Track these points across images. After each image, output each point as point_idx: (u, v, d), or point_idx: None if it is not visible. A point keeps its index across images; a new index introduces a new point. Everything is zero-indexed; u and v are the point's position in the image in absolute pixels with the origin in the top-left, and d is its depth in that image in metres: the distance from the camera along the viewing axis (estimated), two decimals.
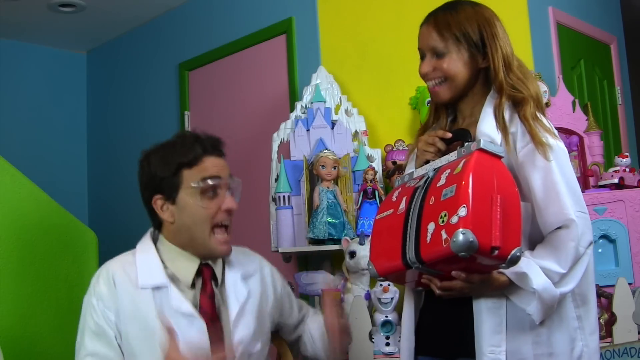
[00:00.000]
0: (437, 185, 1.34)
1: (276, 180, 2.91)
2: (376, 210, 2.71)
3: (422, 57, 1.57)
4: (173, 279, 1.57)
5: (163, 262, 1.59)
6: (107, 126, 4.70)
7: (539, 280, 1.37)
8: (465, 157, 1.34)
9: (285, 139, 3.01)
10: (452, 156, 1.40)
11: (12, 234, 2.25)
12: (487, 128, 1.50)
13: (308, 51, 3.35)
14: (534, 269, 1.38)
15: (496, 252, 1.25)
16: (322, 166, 2.76)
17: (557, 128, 2.51)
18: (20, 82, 4.53)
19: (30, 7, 4.00)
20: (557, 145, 1.47)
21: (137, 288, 1.54)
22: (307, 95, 3.07)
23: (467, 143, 1.38)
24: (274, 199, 2.91)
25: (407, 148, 2.88)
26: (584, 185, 2.72)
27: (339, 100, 3.06)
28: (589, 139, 2.79)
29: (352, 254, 2.51)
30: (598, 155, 2.78)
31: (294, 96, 3.35)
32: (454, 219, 1.24)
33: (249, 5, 3.72)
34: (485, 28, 1.51)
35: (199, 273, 1.60)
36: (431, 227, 1.30)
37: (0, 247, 2.21)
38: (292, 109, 3.18)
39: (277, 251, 2.85)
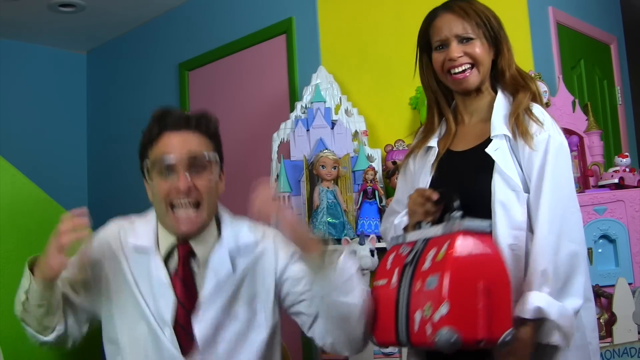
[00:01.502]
0: (422, 270, 1.32)
1: (276, 180, 2.91)
2: (376, 210, 2.73)
3: (443, 46, 1.54)
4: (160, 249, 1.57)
5: (157, 232, 1.58)
6: (107, 126, 4.70)
7: (553, 309, 1.34)
8: (449, 237, 1.31)
9: (285, 139, 3.01)
10: (438, 230, 1.38)
11: (12, 234, 2.25)
12: (501, 128, 1.50)
13: (308, 51, 3.35)
14: (541, 298, 1.35)
15: (483, 343, 1.25)
16: (322, 166, 2.76)
17: None
18: (20, 82, 4.53)
19: (30, 7, 4.00)
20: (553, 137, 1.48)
21: (124, 246, 1.56)
22: (307, 95, 3.07)
23: (453, 215, 1.36)
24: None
25: (407, 148, 2.88)
26: (584, 185, 2.72)
27: (339, 100, 3.07)
28: (589, 139, 2.79)
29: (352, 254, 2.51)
30: (598, 155, 2.77)
31: (294, 96, 3.35)
32: (436, 317, 1.23)
33: (249, 5, 3.72)
34: (499, 22, 1.55)
35: (174, 249, 1.55)
36: (418, 316, 1.29)
37: (0, 247, 2.20)
38: (292, 109, 3.19)
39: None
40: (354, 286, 1.42)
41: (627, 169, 2.57)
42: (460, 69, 1.52)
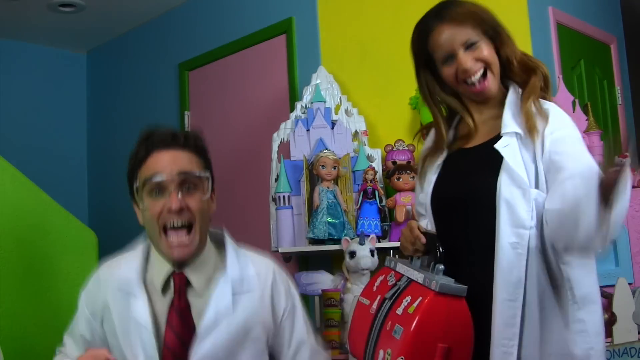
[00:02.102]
0: (396, 312, 1.38)
1: (276, 180, 2.91)
2: (376, 210, 2.73)
3: (450, 59, 1.51)
4: (150, 283, 1.51)
5: (147, 264, 1.53)
6: (107, 126, 4.70)
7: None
8: (425, 291, 1.35)
9: (285, 139, 3.01)
10: (420, 277, 1.41)
11: (12, 234, 2.25)
12: (512, 125, 1.48)
13: (308, 51, 3.35)
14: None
15: None
16: (322, 166, 2.76)
17: None
18: (20, 82, 4.53)
19: (30, 7, 4.00)
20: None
21: (109, 287, 1.53)
22: (307, 95, 3.07)
23: (437, 267, 1.39)
24: (274, 199, 2.91)
25: (407, 148, 2.88)
26: None
27: (339, 100, 3.06)
28: (589, 139, 2.79)
29: (352, 254, 2.51)
30: (598, 155, 2.77)
31: (294, 96, 3.35)
32: None
33: (249, 5, 3.72)
34: (490, 13, 1.52)
35: (170, 279, 1.48)
36: (381, 355, 1.36)
37: (0, 247, 2.20)
38: (292, 109, 3.18)
39: (277, 251, 2.85)
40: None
41: None
42: (476, 77, 1.49)
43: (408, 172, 2.71)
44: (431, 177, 1.60)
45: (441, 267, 1.39)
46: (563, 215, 1.36)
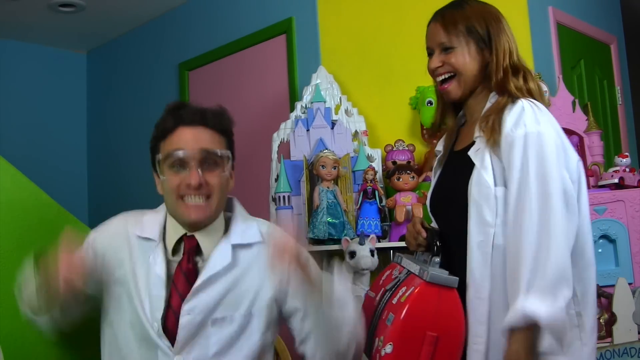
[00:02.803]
0: (392, 302, 1.44)
1: (276, 180, 2.91)
2: (376, 210, 2.72)
3: (431, 55, 1.60)
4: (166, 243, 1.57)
5: (165, 225, 1.59)
6: (107, 126, 4.70)
7: (541, 313, 1.30)
8: (417, 282, 1.42)
9: (285, 139, 3.01)
10: (416, 269, 1.48)
11: (12, 234, 2.25)
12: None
13: (308, 51, 3.35)
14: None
15: None
16: (322, 166, 2.76)
17: None
18: (21, 82, 4.53)
19: (30, 7, 4.00)
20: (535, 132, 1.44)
21: (130, 238, 1.57)
22: (307, 95, 3.07)
23: (433, 260, 1.46)
24: (274, 199, 2.91)
25: (407, 148, 2.88)
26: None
27: (339, 100, 3.07)
28: (589, 139, 2.79)
29: (352, 254, 2.51)
30: (598, 155, 2.78)
31: (294, 96, 3.35)
32: (382, 352, 1.36)
33: (249, 5, 3.72)
34: (492, 23, 1.55)
35: (181, 242, 1.55)
36: (376, 342, 1.42)
37: (0, 247, 2.20)
38: (292, 109, 3.19)
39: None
40: (348, 301, 1.45)
41: (627, 169, 2.57)
42: (440, 79, 1.58)
43: (408, 172, 2.71)
44: (434, 179, 1.70)
45: (437, 259, 1.45)
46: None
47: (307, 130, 2.96)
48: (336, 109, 3.05)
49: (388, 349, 1.33)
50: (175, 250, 1.55)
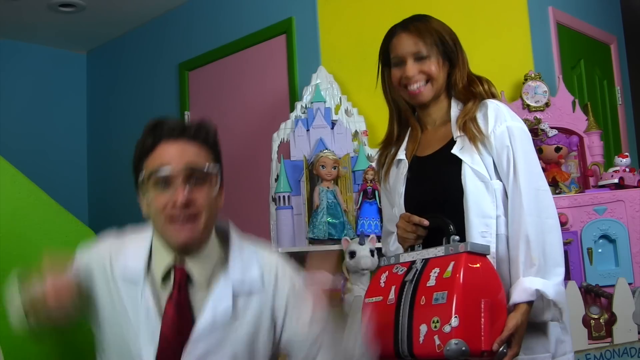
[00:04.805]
0: (427, 285, 1.43)
1: (276, 180, 2.91)
2: (376, 210, 2.72)
3: (400, 64, 1.66)
4: (151, 274, 1.45)
5: (151, 252, 1.47)
6: (107, 126, 4.70)
7: (549, 289, 1.45)
8: (453, 257, 1.43)
9: (285, 139, 3.01)
10: (439, 251, 1.48)
11: (12, 234, 2.25)
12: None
13: (308, 51, 3.35)
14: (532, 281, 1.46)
15: (485, 354, 1.37)
16: (322, 166, 2.76)
17: (557, 128, 2.55)
18: (21, 82, 4.54)
19: (30, 7, 4.00)
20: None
21: (113, 270, 1.46)
22: (307, 95, 3.07)
23: (452, 238, 1.47)
24: (274, 199, 2.91)
25: None
26: (584, 185, 2.72)
27: (339, 100, 3.07)
28: (589, 139, 2.79)
29: (352, 254, 2.51)
30: (598, 155, 2.78)
31: (294, 96, 3.35)
32: (447, 328, 1.35)
33: (249, 5, 3.72)
34: (455, 37, 1.67)
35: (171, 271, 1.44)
36: (423, 328, 1.40)
37: (0, 247, 2.20)
38: (292, 109, 3.19)
39: (277, 251, 2.85)
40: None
41: (627, 169, 2.57)
42: (415, 86, 1.64)
43: None
44: (400, 189, 1.69)
45: (457, 237, 1.46)
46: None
47: (307, 130, 2.96)
48: (336, 109, 3.05)
49: (454, 322, 1.34)
50: (164, 278, 1.43)
